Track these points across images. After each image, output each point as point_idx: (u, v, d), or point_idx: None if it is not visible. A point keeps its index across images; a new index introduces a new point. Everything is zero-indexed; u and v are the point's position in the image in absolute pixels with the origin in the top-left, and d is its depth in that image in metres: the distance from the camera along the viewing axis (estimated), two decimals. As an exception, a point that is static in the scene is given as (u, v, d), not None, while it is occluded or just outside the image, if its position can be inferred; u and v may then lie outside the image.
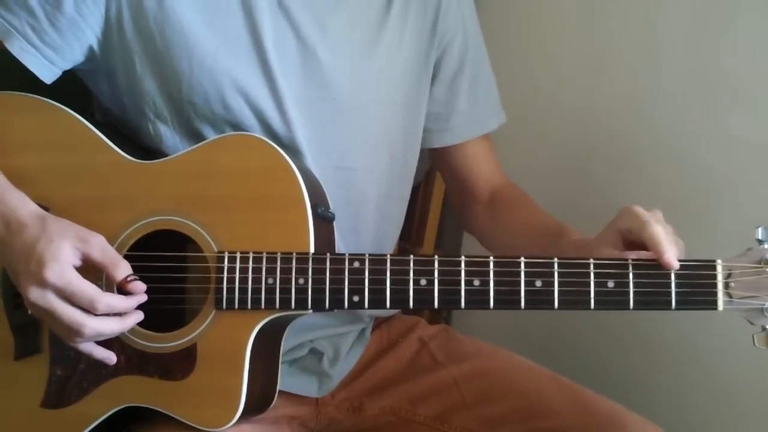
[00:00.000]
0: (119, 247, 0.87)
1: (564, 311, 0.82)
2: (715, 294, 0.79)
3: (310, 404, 1.04)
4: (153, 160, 0.91)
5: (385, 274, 0.83)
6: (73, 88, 0.96)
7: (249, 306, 0.85)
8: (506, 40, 1.38)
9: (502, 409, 0.99)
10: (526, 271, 0.82)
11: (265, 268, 0.85)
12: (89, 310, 0.81)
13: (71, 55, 0.91)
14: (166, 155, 0.92)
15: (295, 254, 0.84)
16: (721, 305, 0.80)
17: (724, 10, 1.14)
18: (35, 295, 0.80)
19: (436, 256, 0.83)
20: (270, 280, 0.84)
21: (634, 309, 0.80)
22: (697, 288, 0.80)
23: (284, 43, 0.94)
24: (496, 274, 0.82)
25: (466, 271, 0.82)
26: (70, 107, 0.92)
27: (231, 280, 0.85)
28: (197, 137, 0.93)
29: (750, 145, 1.13)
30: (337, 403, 1.05)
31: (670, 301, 0.80)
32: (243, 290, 0.85)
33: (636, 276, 0.80)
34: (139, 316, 0.85)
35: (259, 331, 0.85)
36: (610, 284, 0.80)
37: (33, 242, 0.81)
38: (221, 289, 0.85)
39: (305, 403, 1.03)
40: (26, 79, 0.90)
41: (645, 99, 1.24)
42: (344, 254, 0.84)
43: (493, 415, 0.99)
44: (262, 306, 0.85)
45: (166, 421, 0.87)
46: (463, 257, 0.83)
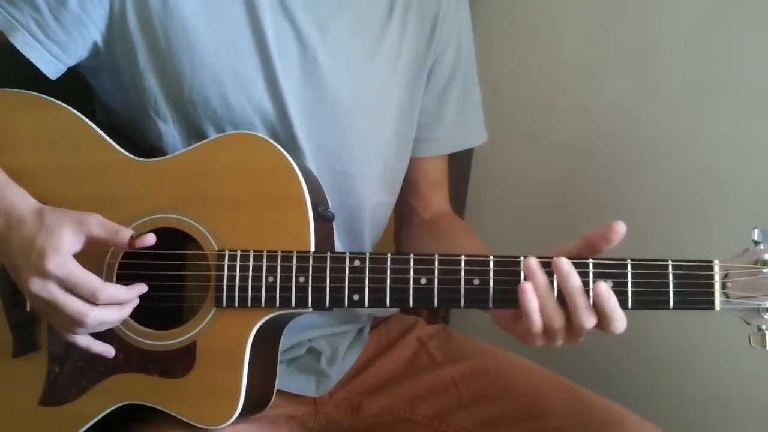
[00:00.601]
0: (118, 245, 0.88)
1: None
2: (712, 294, 0.80)
3: (308, 404, 1.04)
4: (154, 159, 0.91)
5: (386, 273, 0.83)
6: (74, 86, 0.95)
7: (249, 304, 0.85)
8: (504, 41, 1.38)
9: (500, 409, 0.99)
10: (525, 271, 0.82)
11: (266, 266, 0.85)
12: (91, 301, 0.81)
13: (75, 51, 0.91)
14: (167, 154, 0.93)
15: (295, 253, 0.84)
16: (718, 305, 0.80)
17: (723, 11, 1.15)
18: (37, 286, 0.80)
19: (437, 255, 0.83)
20: (270, 279, 0.84)
21: (632, 309, 0.80)
22: (695, 288, 0.80)
23: (285, 42, 0.94)
24: (495, 273, 0.82)
25: (465, 270, 0.82)
26: (71, 105, 0.92)
27: (231, 278, 0.85)
28: (198, 136, 0.93)
29: (747, 146, 1.13)
30: (336, 402, 1.05)
31: (668, 301, 0.80)
32: (243, 288, 0.85)
33: (634, 276, 0.80)
34: (135, 302, 0.85)
35: (259, 329, 0.85)
36: (609, 284, 0.80)
37: (33, 236, 0.81)
38: (221, 287, 0.85)
39: (303, 403, 1.03)
40: (27, 77, 0.90)
41: (642, 100, 1.24)
42: (345, 253, 0.84)
43: (492, 415, 0.99)
44: (262, 304, 0.85)
45: (164, 420, 0.86)
46: (463, 256, 0.83)
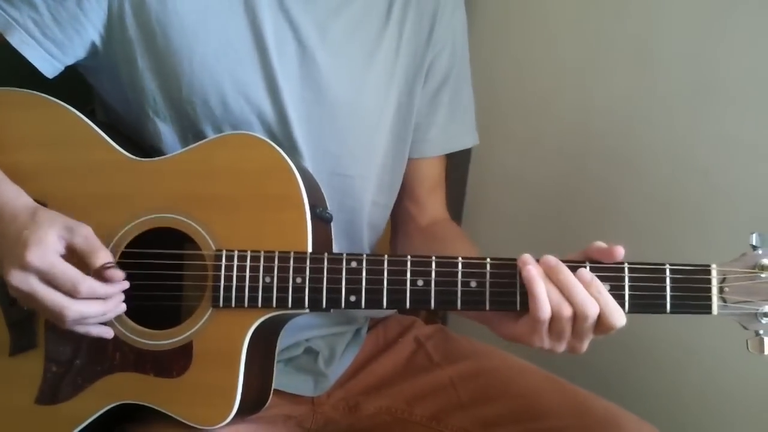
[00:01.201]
0: (117, 244, 0.88)
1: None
2: (710, 298, 0.80)
3: (305, 404, 1.04)
4: (153, 159, 0.91)
5: (383, 275, 0.83)
6: (73, 86, 0.96)
7: (246, 304, 0.85)
8: (500, 44, 1.38)
9: (498, 410, 0.99)
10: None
11: (263, 266, 0.85)
12: (72, 294, 0.80)
13: (73, 50, 0.91)
14: (165, 154, 0.93)
15: (293, 253, 0.84)
16: (715, 309, 0.80)
17: (721, 12, 1.14)
18: (17, 278, 0.80)
19: (434, 257, 0.83)
20: (267, 279, 0.84)
21: (630, 312, 0.81)
22: (692, 292, 0.80)
23: (284, 43, 0.94)
24: (492, 276, 0.82)
25: (462, 273, 0.82)
26: (71, 105, 0.92)
27: (228, 279, 0.85)
28: (197, 136, 0.93)
29: (745, 149, 1.13)
30: (333, 402, 1.05)
31: (665, 305, 0.80)
32: (240, 289, 0.85)
33: (631, 279, 0.80)
34: (122, 307, 0.84)
35: (256, 329, 0.85)
36: (606, 288, 0.80)
37: (21, 230, 0.81)
38: (218, 287, 0.85)
39: (301, 403, 1.03)
40: (27, 76, 0.90)
41: (640, 102, 1.24)
42: (342, 254, 0.84)
43: (489, 416, 0.99)
44: (259, 305, 0.85)
45: (160, 420, 0.86)
46: (460, 258, 0.83)
